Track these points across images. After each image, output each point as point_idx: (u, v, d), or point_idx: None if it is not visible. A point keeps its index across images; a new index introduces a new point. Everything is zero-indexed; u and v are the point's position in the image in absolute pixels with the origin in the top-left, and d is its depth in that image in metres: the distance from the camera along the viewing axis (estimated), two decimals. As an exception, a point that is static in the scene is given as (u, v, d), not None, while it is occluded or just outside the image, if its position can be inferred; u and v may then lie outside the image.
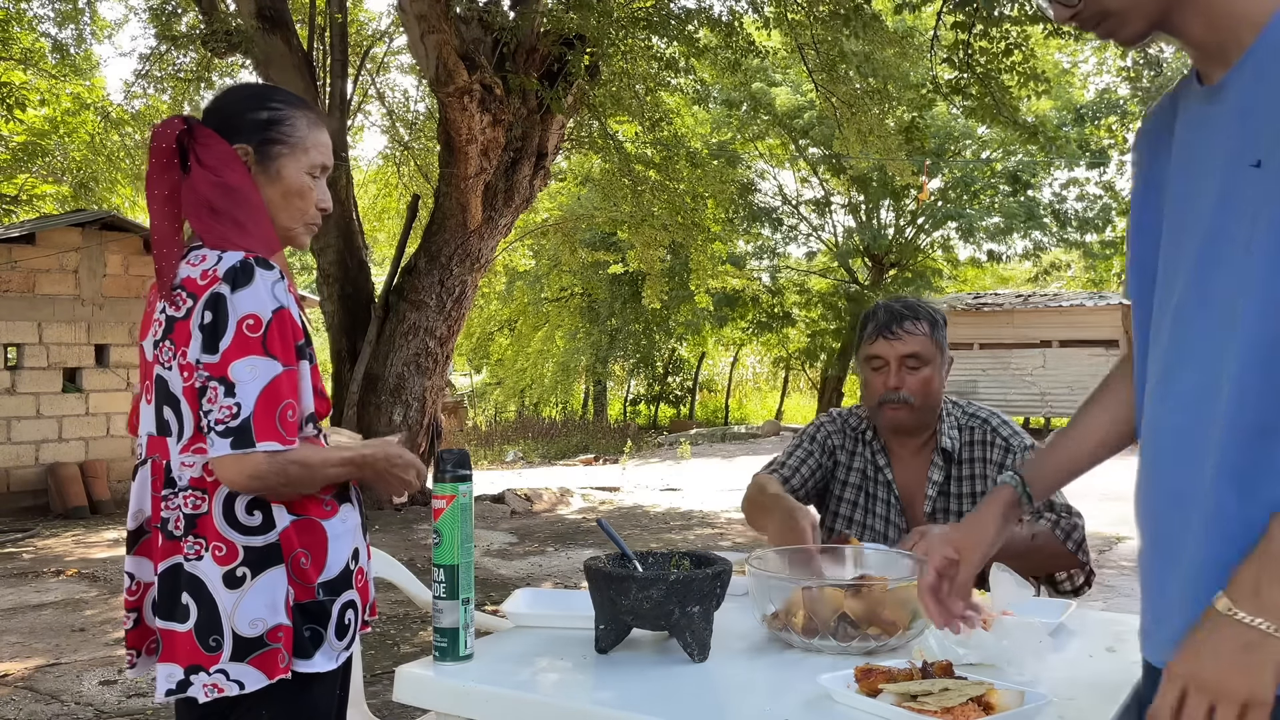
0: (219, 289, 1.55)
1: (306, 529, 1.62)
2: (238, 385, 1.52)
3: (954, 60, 8.85)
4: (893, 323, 2.23)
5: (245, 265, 1.56)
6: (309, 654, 1.61)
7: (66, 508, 9.14)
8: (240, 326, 1.53)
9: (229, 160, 1.64)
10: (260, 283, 1.56)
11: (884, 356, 2.23)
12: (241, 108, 1.70)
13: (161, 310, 1.62)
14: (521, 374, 23.28)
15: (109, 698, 4.19)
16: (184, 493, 1.59)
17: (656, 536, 7.86)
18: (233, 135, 1.67)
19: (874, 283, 21.27)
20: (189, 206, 1.64)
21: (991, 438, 2.27)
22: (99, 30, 14.63)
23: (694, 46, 9.00)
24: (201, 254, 1.61)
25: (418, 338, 8.76)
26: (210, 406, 1.53)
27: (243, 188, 1.64)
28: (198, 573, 1.57)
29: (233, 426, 1.52)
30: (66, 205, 13.85)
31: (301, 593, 1.61)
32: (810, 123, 18.76)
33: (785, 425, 21.35)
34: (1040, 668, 1.50)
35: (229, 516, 1.58)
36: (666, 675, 1.52)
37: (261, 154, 1.67)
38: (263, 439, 1.52)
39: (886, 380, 2.23)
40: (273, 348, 1.55)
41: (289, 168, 1.69)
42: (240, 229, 1.62)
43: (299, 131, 1.70)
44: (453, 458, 1.59)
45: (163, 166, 1.65)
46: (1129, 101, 20.73)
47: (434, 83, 7.93)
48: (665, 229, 12.03)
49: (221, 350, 1.53)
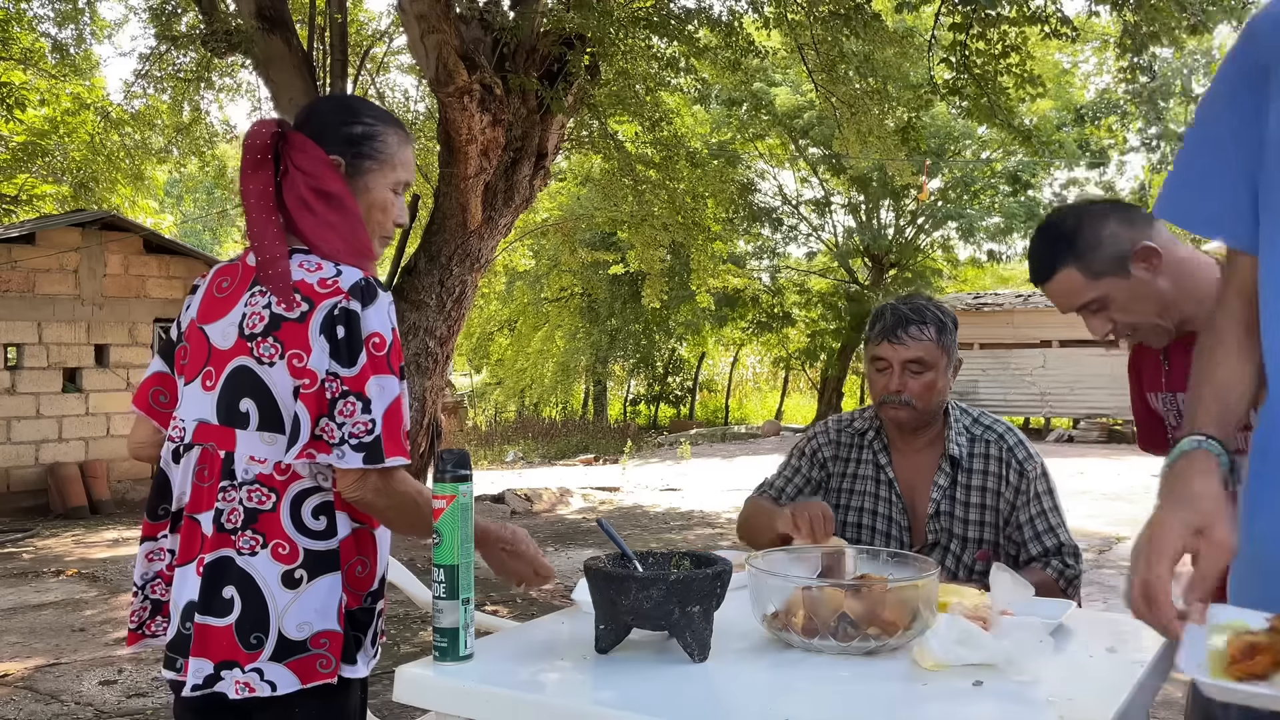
0: (349, 305, 1.58)
1: (364, 539, 1.65)
2: (372, 402, 1.56)
3: (951, 61, 8.85)
4: (898, 327, 2.22)
5: (369, 284, 1.61)
6: (354, 659, 1.62)
7: (66, 508, 9.14)
8: (369, 343, 1.57)
9: (326, 167, 1.67)
10: (383, 302, 1.61)
11: (888, 359, 2.23)
12: (335, 120, 1.72)
13: (266, 306, 1.61)
14: (521, 374, 23.28)
15: (109, 698, 4.19)
16: (248, 487, 1.58)
17: (656, 536, 7.86)
18: (326, 146, 1.69)
19: (874, 283, 21.26)
20: (292, 208, 1.66)
21: (1006, 456, 2.27)
22: (99, 30, 14.62)
23: (694, 46, 8.99)
24: (316, 261, 1.63)
25: (417, 338, 8.76)
26: (344, 420, 1.56)
27: (340, 194, 1.67)
28: (250, 569, 1.56)
29: (366, 442, 1.56)
30: (66, 205, 13.84)
31: (352, 600, 1.62)
32: (810, 123, 18.76)
33: (785, 425, 21.35)
34: (1040, 668, 1.50)
35: (295, 518, 1.58)
36: (666, 675, 1.52)
37: (353, 167, 1.70)
38: (391, 455, 1.57)
39: (889, 383, 2.23)
40: (394, 367, 1.60)
41: (377, 183, 1.72)
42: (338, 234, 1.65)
43: (389, 148, 1.73)
44: (453, 458, 1.59)
45: (256, 163, 1.66)
46: (1128, 102, 20.73)
47: (434, 83, 7.93)
48: (665, 229, 12.02)
49: (359, 366, 1.57)
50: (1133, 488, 9.94)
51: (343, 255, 1.64)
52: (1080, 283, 1.84)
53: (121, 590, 6.14)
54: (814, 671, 1.54)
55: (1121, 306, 1.83)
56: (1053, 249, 1.86)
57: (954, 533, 2.27)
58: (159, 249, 10.30)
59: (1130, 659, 1.62)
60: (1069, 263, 1.84)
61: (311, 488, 1.60)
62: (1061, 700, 1.41)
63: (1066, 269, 1.84)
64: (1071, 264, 1.84)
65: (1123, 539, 7.37)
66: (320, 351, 1.57)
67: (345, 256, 1.64)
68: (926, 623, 1.60)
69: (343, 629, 1.59)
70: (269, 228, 1.63)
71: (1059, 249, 1.85)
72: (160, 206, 20.14)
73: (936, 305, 2.31)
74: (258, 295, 1.63)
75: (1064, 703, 1.40)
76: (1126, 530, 7.68)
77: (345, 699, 1.65)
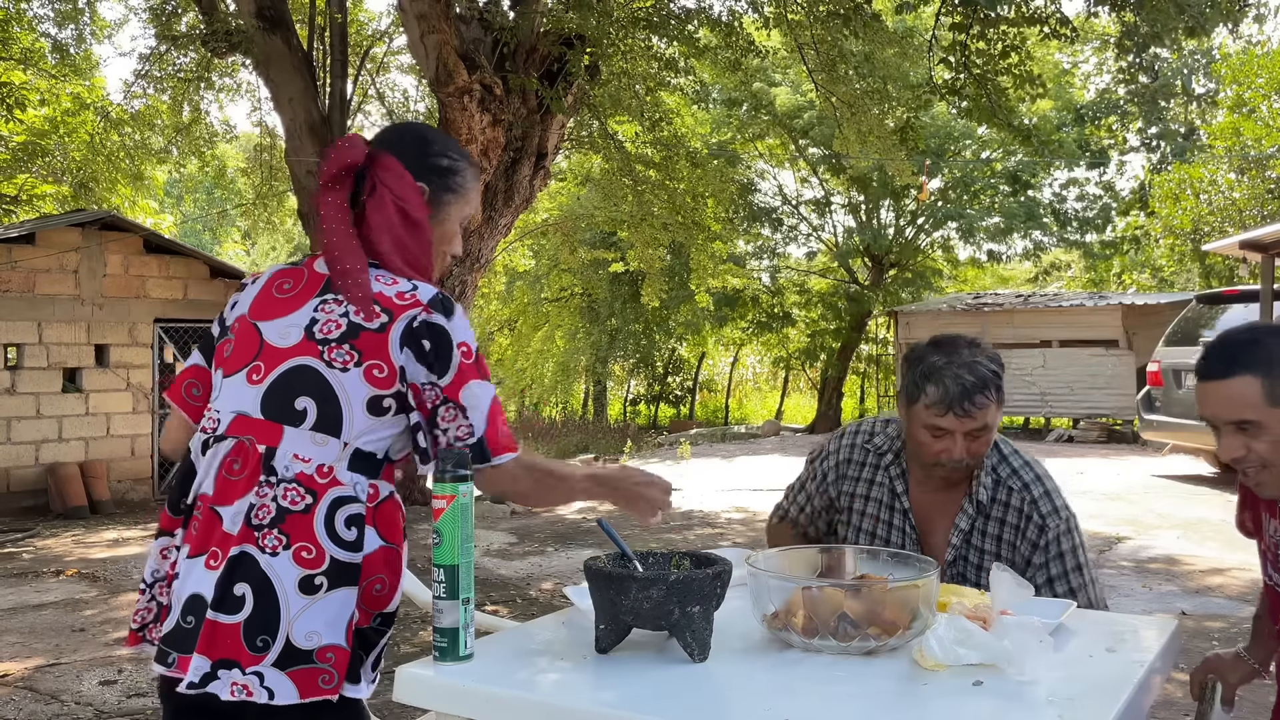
0: (433, 319, 1.64)
1: (389, 558, 1.63)
2: (469, 409, 1.65)
3: (951, 61, 8.85)
4: (965, 399, 2.06)
5: (446, 298, 1.68)
6: (358, 679, 1.62)
7: (66, 508, 9.14)
8: (460, 353, 1.65)
9: (414, 192, 1.72)
10: (459, 313, 1.68)
11: (950, 430, 2.09)
12: (424, 150, 1.77)
13: (344, 315, 1.64)
14: (521, 374, 23.27)
15: (109, 698, 4.19)
16: (285, 485, 1.57)
17: (656, 536, 7.86)
18: (416, 173, 1.74)
19: (874, 283, 21.26)
20: (377, 227, 1.70)
21: (1029, 510, 2.16)
22: (99, 30, 14.62)
23: (694, 46, 8.99)
24: (391, 276, 1.68)
25: (418, 338, 8.76)
26: (447, 426, 1.64)
27: (423, 223, 1.73)
28: (269, 569, 1.54)
29: (471, 444, 1.64)
30: (66, 205, 13.84)
31: (364, 618, 1.61)
32: (810, 123, 18.75)
33: (785, 425, 21.34)
34: (1040, 668, 1.51)
35: (329, 524, 1.58)
36: (666, 675, 1.52)
37: (434, 198, 1.76)
38: (498, 453, 1.66)
39: (950, 450, 2.10)
40: (484, 371, 1.68)
41: (451, 215, 1.80)
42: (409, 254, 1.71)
43: (467, 183, 1.81)
44: (453, 458, 1.59)
45: (338, 178, 1.70)
46: (1128, 102, 20.73)
47: (434, 83, 7.93)
48: (665, 228, 12.03)
49: (452, 375, 1.64)
50: (1132, 487, 9.94)
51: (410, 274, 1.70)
52: (1253, 398, 1.70)
53: (121, 590, 6.14)
54: (814, 671, 1.54)
55: (1272, 443, 1.72)
56: (1246, 352, 1.73)
57: (967, 577, 2.20)
58: (159, 249, 10.30)
59: (1130, 659, 1.62)
60: (1255, 373, 1.70)
61: (349, 496, 1.60)
62: (1061, 700, 1.41)
63: (1248, 377, 1.70)
64: (1258, 376, 1.70)
65: (1123, 539, 7.37)
66: (409, 362, 1.63)
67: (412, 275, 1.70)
68: (926, 623, 1.60)
69: (350, 646, 1.57)
70: (349, 240, 1.68)
71: (1253, 356, 1.71)
72: (160, 206, 20.13)
73: (988, 357, 2.14)
74: (332, 303, 1.66)
75: (1064, 703, 1.40)
76: (1127, 530, 7.68)
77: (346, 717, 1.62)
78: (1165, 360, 10.00)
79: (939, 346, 2.15)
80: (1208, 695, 1.98)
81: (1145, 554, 6.83)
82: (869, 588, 1.63)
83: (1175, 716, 3.54)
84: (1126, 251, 22.88)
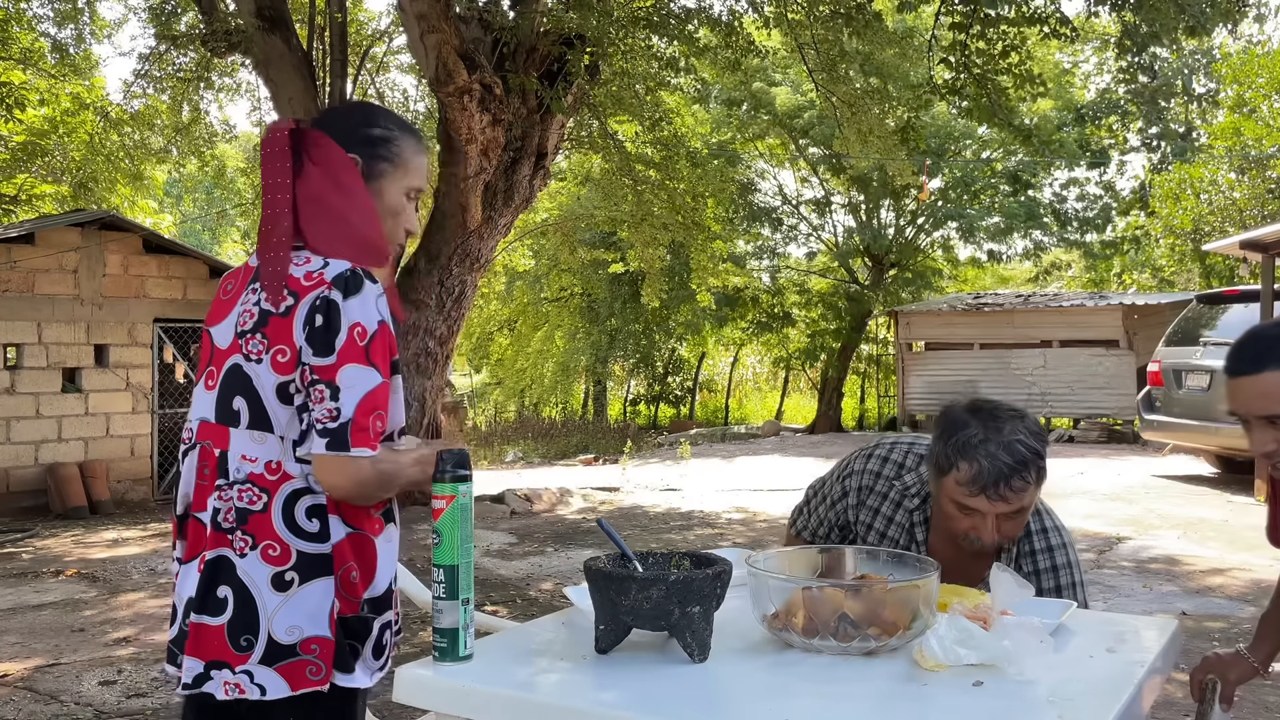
0: (330, 295, 1.57)
1: (360, 544, 1.63)
2: (342, 390, 1.55)
3: (951, 61, 8.85)
4: (1001, 483, 1.89)
5: (355, 274, 1.60)
6: (350, 668, 1.61)
7: (66, 508, 9.14)
8: (351, 334, 1.57)
9: (345, 164, 1.68)
10: (369, 293, 1.60)
11: (983, 512, 1.93)
12: (353, 122, 1.75)
13: (256, 303, 1.62)
14: (521, 374, 23.27)
15: (108, 698, 4.19)
16: (240, 486, 1.58)
17: (656, 537, 7.86)
18: (347, 146, 1.71)
19: (874, 283, 21.26)
20: (303, 203, 1.67)
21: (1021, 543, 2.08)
22: (98, 30, 14.63)
23: (694, 46, 8.99)
24: (306, 255, 1.63)
25: (417, 338, 8.75)
26: (315, 407, 1.56)
27: (357, 190, 1.68)
28: (243, 569, 1.56)
29: (330, 429, 1.55)
30: (66, 205, 13.84)
31: (346, 606, 1.61)
32: (810, 122, 18.75)
33: (785, 425, 21.34)
34: (1040, 668, 1.50)
35: (288, 519, 1.58)
36: (666, 675, 1.52)
37: (368, 169, 1.72)
38: (357, 445, 1.55)
39: (979, 530, 1.95)
40: (375, 358, 1.58)
41: (390, 187, 1.74)
42: (350, 228, 1.65)
43: (404, 153, 1.75)
44: (452, 458, 1.59)
45: (272, 157, 1.67)
46: (1128, 102, 20.73)
47: (434, 82, 7.93)
48: (665, 228, 12.02)
49: (335, 354, 1.56)
50: (1132, 488, 9.94)
51: (345, 251, 1.64)
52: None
53: (121, 590, 6.14)
54: (814, 671, 1.54)
55: None
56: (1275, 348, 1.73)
57: None
58: (158, 249, 10.30)
59: (1130, 659, 1.62)
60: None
61: (304, 488, 1.60)
62: (1061, 700, 1.41)
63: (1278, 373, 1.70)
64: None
65: (1123, 539, 7.36)
66: (302, 343, 1.58)
67: (348, 252, 1.64)
68: (926, 623, 1.60)
69: (334, 635, 1.58)
70: (280, 222, 1.65)
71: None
72: (160, 206, 20.14)
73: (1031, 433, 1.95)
74: (250, 293, 1.64)
75: (1064, 703, 1.40)
76: (1127, 530, 7.68)
77: (341, 708, 1.63)
78: (1166, 360, 9.99)
79: (977, 414, 1.97)
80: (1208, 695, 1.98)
81: (1145, 554, 6.82)
82: (869, 588, 1.62)
83: (1175, 717, 3.54)
84: (1127, 251, 22.89)
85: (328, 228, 1.65)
